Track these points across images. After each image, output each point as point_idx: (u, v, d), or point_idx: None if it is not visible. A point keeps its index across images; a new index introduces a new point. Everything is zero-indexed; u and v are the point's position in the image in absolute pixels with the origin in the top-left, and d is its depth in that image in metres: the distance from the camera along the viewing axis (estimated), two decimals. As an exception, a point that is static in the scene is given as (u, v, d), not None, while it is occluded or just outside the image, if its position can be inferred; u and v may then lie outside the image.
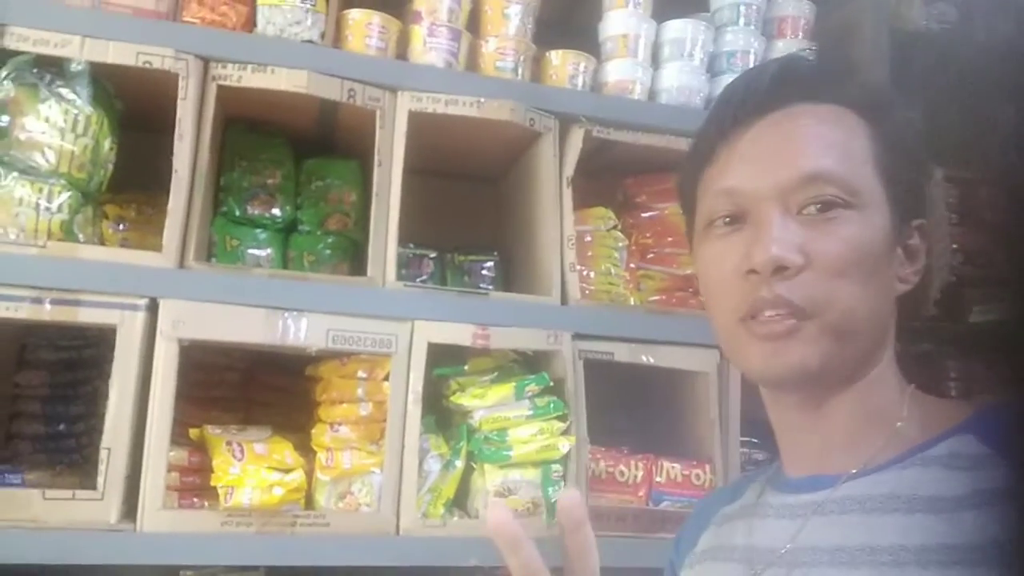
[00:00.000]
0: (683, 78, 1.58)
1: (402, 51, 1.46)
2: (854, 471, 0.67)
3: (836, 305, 0.64)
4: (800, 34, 1.68)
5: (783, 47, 1.66)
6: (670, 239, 1.67)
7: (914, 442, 0.65)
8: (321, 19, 1.38)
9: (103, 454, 1.19)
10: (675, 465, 1.47)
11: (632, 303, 1.58)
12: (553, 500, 1.36)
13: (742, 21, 1.63)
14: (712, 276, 0.71)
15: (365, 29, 1.40)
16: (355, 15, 1.41)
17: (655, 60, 1.62)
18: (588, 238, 1.59)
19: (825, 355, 0.65)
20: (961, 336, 1.73)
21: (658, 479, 1.47)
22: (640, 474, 1.46)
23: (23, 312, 1.20)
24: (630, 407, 1.65)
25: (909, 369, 0.73)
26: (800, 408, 0.71)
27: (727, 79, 1.61)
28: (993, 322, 1.75)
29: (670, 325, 1.49)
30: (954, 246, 1.87)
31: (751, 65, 1.62)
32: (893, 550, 0.60)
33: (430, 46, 1.43)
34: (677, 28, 1.60)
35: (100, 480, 1.18)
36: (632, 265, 1.64)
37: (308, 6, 1.36)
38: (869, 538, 0.62)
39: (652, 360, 1.47)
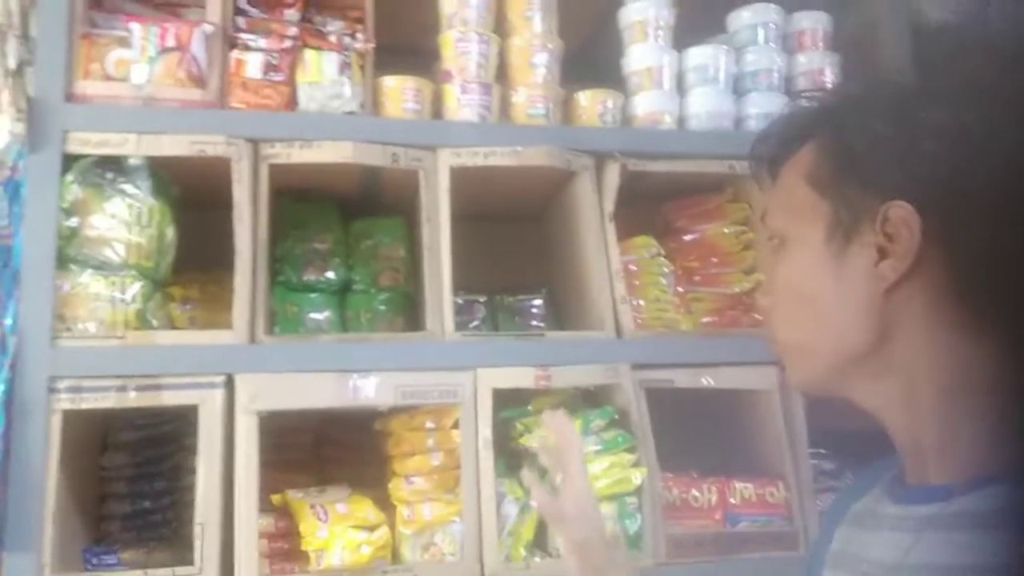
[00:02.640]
0: (710, 103, 1.61)
1: (437, 110, 1.51)
2: (962, 481, 0.64)
3: (785, 330, 0.74)
4: (820, 45, 1.70)
5: (805, 60, 1.68)
6: (715, 259, 1.69)
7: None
8: (359, 90, 1.44)
9: (197, 530, 1.24)
10: (748, 485, 1.48)
11: (684, 327, 1.60)
12: (632, 531, 1.38)
13: (761, 39, 1.66)
14: None
15: (401, 94, 1.46)
16: (390, 82, 1.47)
17: (681, 87, 1.65)
18: (633, 267, 1.62)
19: (801, 368, 0.74)
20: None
21: (732, 500, 1.48)
22: (714, 497, 1.47)
23: (110, 401, 1.26)
24: (696, 431, 1.66)
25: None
26: (879, 413, 0.71)
27: (754, 98, 1.64)
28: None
29: (726, 346, 1.51)
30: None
31: (775, 82, 1.65)
32: (1008, 570, 0.58)
33: (463, 102, 1.48)
34: (700, 54, 1.64)
35: (197, 556, 1.23)
36: (680, 289, 1.67)
37: (345, 79, 1.43)
38: (982, 558, 0.60)
39: (712, 383, 1.49)
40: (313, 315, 1.56)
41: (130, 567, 1.32)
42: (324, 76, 1.42)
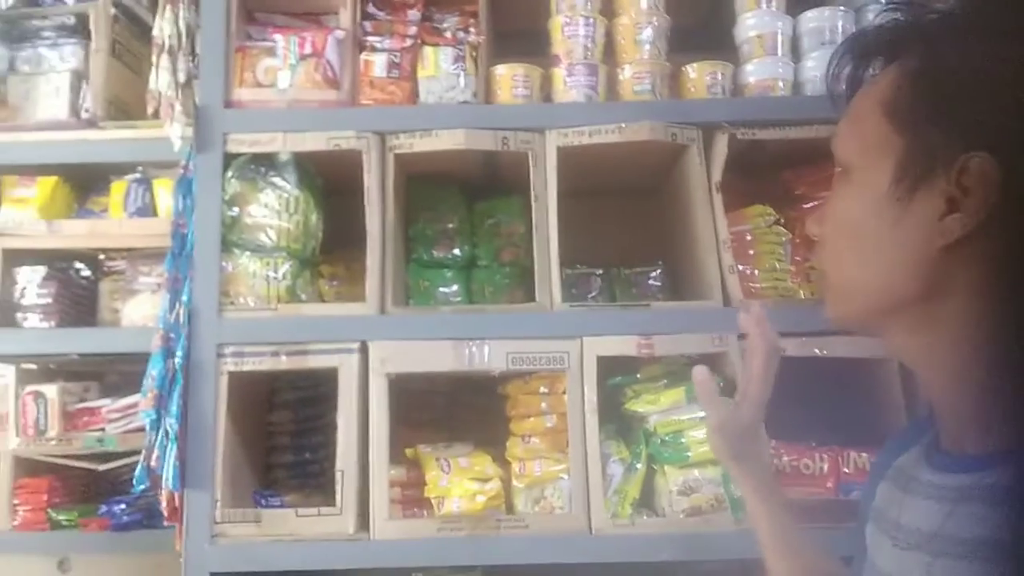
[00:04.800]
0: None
1: (546, 93, 1.59)
2: (1000, 452, 0.61)
3: (833, 267, 0.71)
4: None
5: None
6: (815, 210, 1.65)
7: None
8: (472, 80, 1.56)
9: (338, 475, 1.43)
10: (863, 455, 1.47)
11: (802, 296, 1.59)
12: (736, 495, 1.42)
13: (883, -3, 1.59)
14: None
15: (511, 81, 1.56)
16: (500, 70, 1.57)
17: (796, 53, 1.62)
18: (749, 237, 1.63)
19: (839, 302, 0.72)
20: None
21: (846, 470, 1.47)
22: (825, 466, 1.47)
23: (266, 364, 1.47)
24: (814, 400, 1.64)
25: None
26: (918, 371, 0.69)
27: (875, 58, 1.58)
28: None
29: (840, 314, 1.49)
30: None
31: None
32: None
33: (570, 84, 1.55)
34: (815, 18, 1.61)
35: (338, 499, 1.42)
36: (799, 258, 1.65)
37: (459, 71, 1.54)
38: (1018, 533, 0.57)
39: (826, 352, 1.48)
40: (443, 289, 1.71)
41: (289, 508, 1.54)
42: (441, 70, 1.54)
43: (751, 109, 1.56)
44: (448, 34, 1.58)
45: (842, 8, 1.60)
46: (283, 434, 1.76)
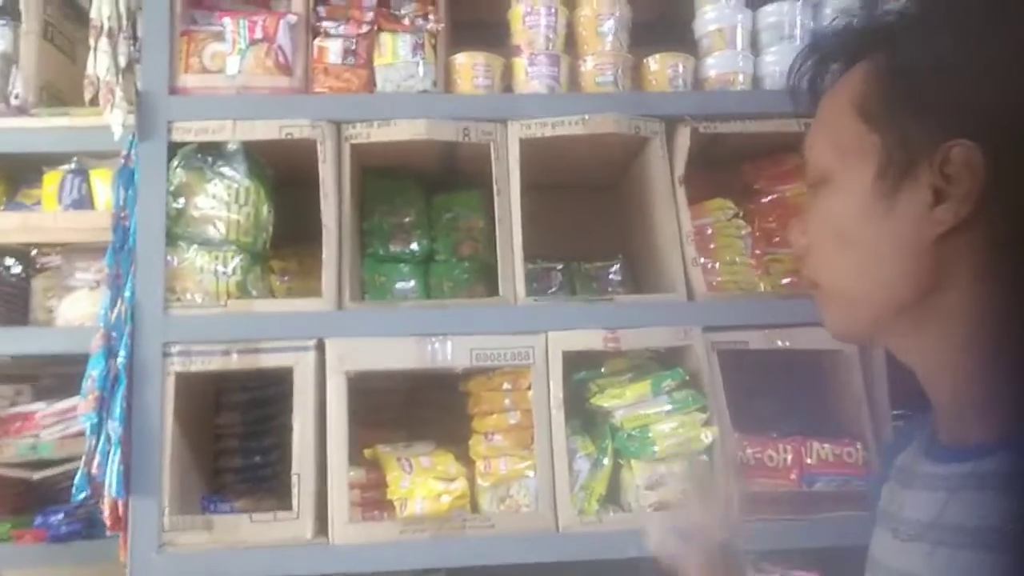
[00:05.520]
0: (786, 61, 1.58)
1: (507, 84, 1.56)
2: (995, 440, 0.61)
3: (827, 275, 0.68)
4: (904, -7, 1.63)
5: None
6: (795, 220, 1.66)
7: None
8: (432, 69, 1.51)
9: (294, 479, 1.37)
10: (825, 446, 1.48)
11: (762, 289, 1.60)
12: (702, 489, 1.41)
13: (839, -8, 1.61)
14: None
15: (472, 70, 1.52)
16: (461, 59, 1.53)
17: (755, 47, 1.63)
18: (709, 230, 1.63)
19: (842, 317, 0.69)
20: None
21: (809, 460, 1.48)
22: (789, 457, 1.47)
23: (215, 364, 1.40)
24: (776, 392, 1.66)
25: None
26: (915, 366, 0.68)
27: (832, 53, 1.60)
28: None
29: (802, 306, 1.49)
30: None
31: (855, 35, 1.59)
32: None
33: (532, 75, 1.52)
34: (774, 12, 1.61)
35: (294, 503, 1.36)
36: (758, 251, 1.66)
37: (418, 59, 1.50)
38: (1015, 519, 0.57)
39: (788, 344, 1.49)
40: (400, 284, 1.66)
41: (241, 513, 1.47)
42: (399, 57, 1.49)
43: (713, 102, 1.56)
44: (406, 21, 1.53)
45: (800, 2, 1.61)
46: (231, 437, 1.68)
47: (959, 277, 0.63)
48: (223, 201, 1.47)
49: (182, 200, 1.45)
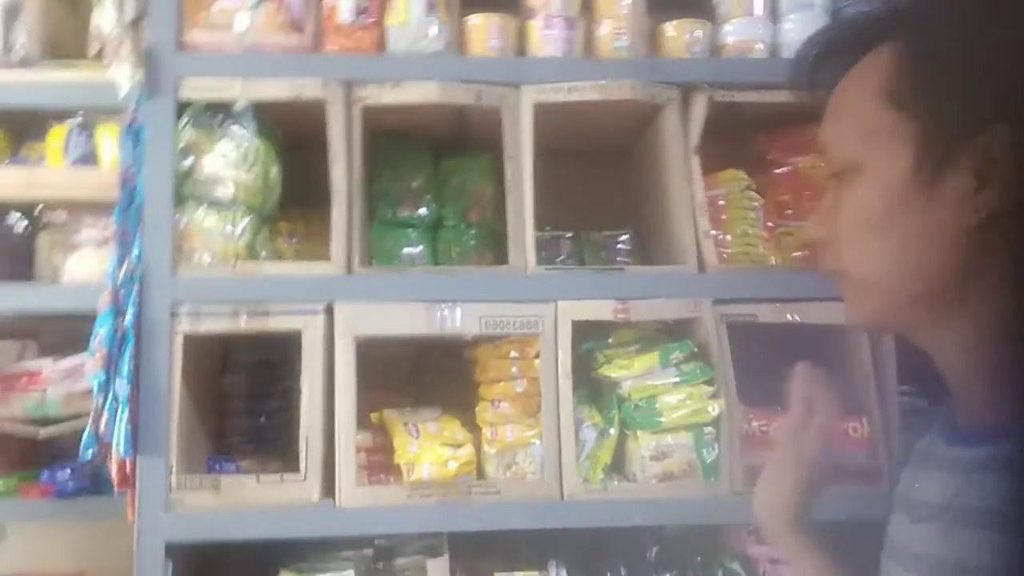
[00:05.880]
0: (805, 29, 1.53)
1: (521, 47, 1.53)
2: (1011, 424, 0.62)
3: (858, 264, 0.68)
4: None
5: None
6: (808, 192, 1.65)
7: None
8: (445, 29, 1.48)
9: (302, 441, 1.37)
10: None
11: (773, 262, 1.59)
12: (708, 461, 1.41)
13: (864, -40, 1.57)
14: None
15: (485, 32, 1.49)
16: (474, 20, 1.50)
17: (774, 14, 1.59)
18: (721, 202, 1.61)
19: (873, 308, 0.69)
20: None
21: (814, 435, 1.48)
22: (794, 430, 1.47)
23: (223, 325, 1.39)
24: (784, 366, 1.65)
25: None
26: (935, 352, 0.69)
27: (853, 22, 1.57)
28: None
29: (812, 281, 1.48)
30: None
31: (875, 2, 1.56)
32: None
33: (547, 38, 1.49)
34: (795, -22, 1.57)
35: (302, 465, 1.36)
36: (770, 224, 1.64)
37: (432, 19, 1.47)
38: None
39: (798, 318, 1.48)
40: (407, 249, 1.65)
41: (247, 473, 1.48)
42: (411, 16, 1.46)
43: (731, 70, 1.53)
44: (420, -21, 1.49)
45: (822, -30, 1.57)
46: (238, 398, 1.69)
47: (992, 264, 0.63)
48: (232, 161, 1.45)
49: (191, 159, 1.43)
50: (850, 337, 1.50)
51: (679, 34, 1.56)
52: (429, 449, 1.39)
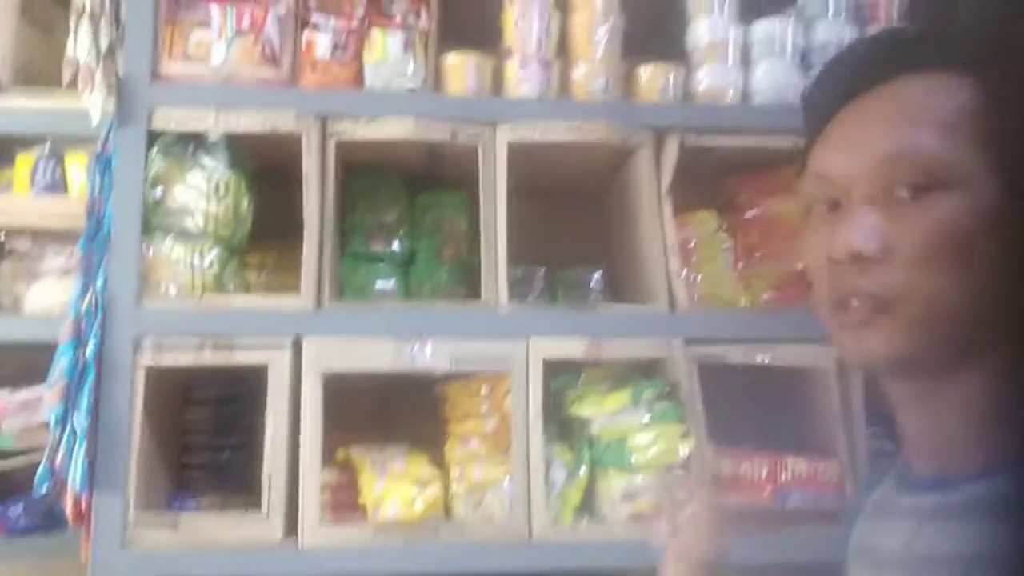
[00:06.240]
0: (776, 77, 1.59)
1: (498, 86, 1.54)
2: (972, 472, 0.62)
3: (920, 295, 0.61)
4: (894, 16, 1.65)
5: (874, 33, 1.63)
6: (777, 236, 1.67)
7: None
8: (422, 67, 1.49)
9: (265, 479, 1.34)
10: (800, 462, 1.48)
11: (743, 303, 1.60)
12: (678, 502, 1.40)
13: (831, 12, 1.62)
14: (811, 264, 0.69)
15: (462, 71, 1.50)
16: (451, 59, 1.51)
17: (746, 61, 1.63)
18: (692, 243, 1.63)
19: (905, 347, 0.62)
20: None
21: (784, 477, 1.48)
22: (764, 472, 1.47)
23: (187, 359, 1.37)
24: (754, 407, 1.66)
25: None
26: (913, 399, 0.67)
27: (821, 71, 1.61)
28: None
29: (783, 322, 1.50)
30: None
31: (845, 54, 1.60)
32: (1008, 558, 0.57)
33: (523, 78, 1.51)
34: (765, 28, 1.61)
35: (264, 502, 1.33)
36: (740, 265, 1.66)
37: (408, 57, 1.48)
38: (986, 548, 0.59)
39: (767, 360, 1.49)
40: (380, 284, 1.63)
41: (207, 511, 1.44)
42: (389, 54, 1.47)
43: (703, 115, 1.56)
44: (397, 18, 1.51)
45: (791, 19, 1.61)
46: (200, 432, 1.65)
47: (1005, 322, 0.62)
48: (202, 192, 1.43)
49: (160, 189, 1.42)
50: (819, 379, 1.51)
51: (652, 78, 1.59)
52: (395, 488, 1.36)
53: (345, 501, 1.43)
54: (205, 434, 1.64)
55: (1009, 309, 0.62)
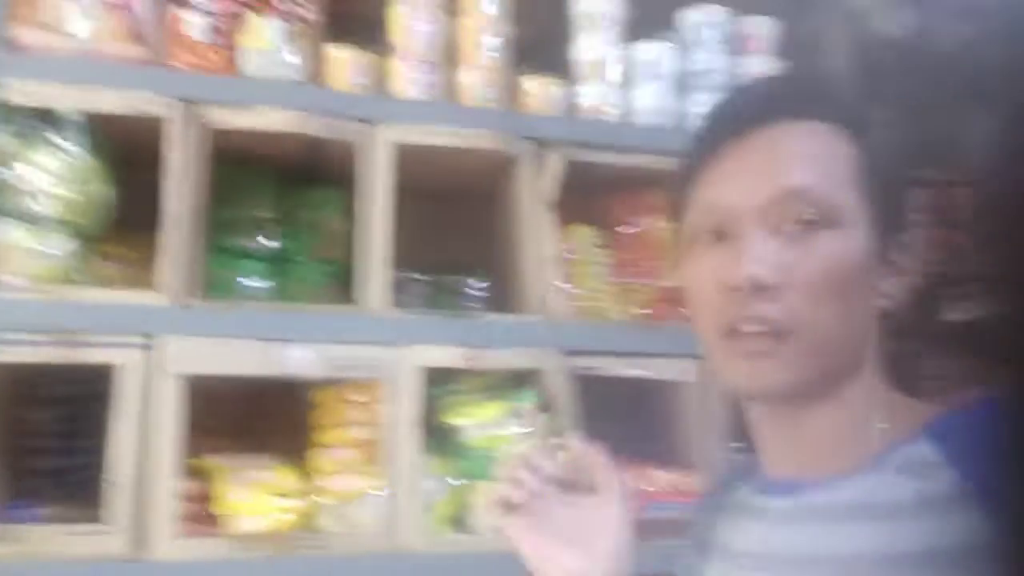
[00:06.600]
0: (654, 99, 1.64)
1: (382, 84, 1.51)
2: (824, 479, 0.68)
3: (815, 326, 0.64)
4: (766, 50, 1.74)
5: (748, 64, 1.72)
6: (652, 253, 1.72)
7: (881, 449, 0.66)
8: (303, 59, 1.43)
9: (111, 488, 1.24)
10: (664, 474, 1.52)
11: (618, 318, 1.63)
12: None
13: (707, 41, 1.69)
14: (695, 291, 0.71)
15: (346, 66, 1.46)
16: (335, 53, 1.46)
17: (626, 81, 1.67)
18: (571, 256, 1.64)
19: (802, 375, 0.66)
20: (934, 334, 1.79)
21: (648, 488, 1.52)
22: (630, 483, 1.50)
23: (25, 355, 1.25)
24: (622, 419, 1.69)
25: (882, 366, 0.73)
26: (779, 419, 0.71)
27: (697, 97, 1.67)
28: (966, 321, 1.80)
29: (654, 338, 1.54)
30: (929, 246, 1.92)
31: (718, 83, 1.68)
32: (844, 558, 0.63)
33: (409, 79, 1.48)
34: (646, 50, 1.66)
35: (109, 513, 1.23)
36: (614, 280, 1.69)
37: (289, 47, 1.42)
38: (831, 547, 0.64)
39: (641, 373, 1.52)
40: (247, 282, 1.55)
41: (49, 522, 1.31)
42: (268, 42, 1.40)
43: (585, 131, 1.58)
44: (279, 5, 1.44)
45: (671, 44, 1.67)
46: (43, 435, 1.51)
47: (870, 349, 0.70)
48: (55, 174, 1.31)
49: (4, 168, 1.29)
50: (686, 393, 1.56)
51: (538, 90, 1.60)
52: (257, 499, 1.29)
53: (201, 513, 1.34)
54: (51, 437, 1.50)
55: (870, 337, 0.70)
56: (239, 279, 1.55)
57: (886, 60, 1.98)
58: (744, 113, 0.72)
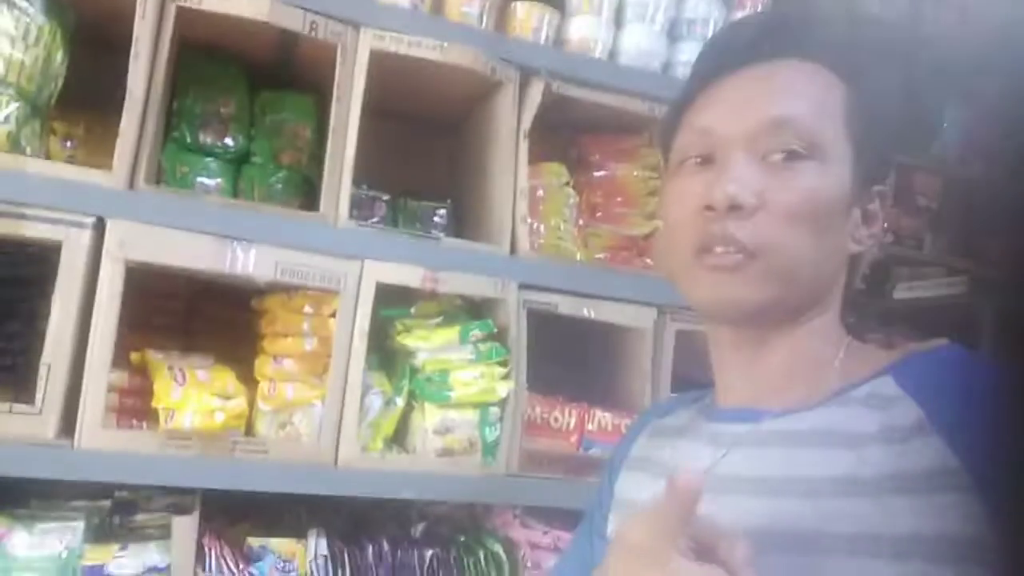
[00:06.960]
0: (644, 41, 1.61)
1: (366, -14, 1.44)
2: (781, 409, 0.70)
3: (783, 250, 0.67)
4: (760, 5, 1.72)
5: (742, 17, 1.69)
6: (619, 199, 1.71)
7: (842, 385, 0.68)
8: (285, -53, 1.36)
9: (42, 370, 1.19)
10: (607, 415, 1.54)
11: (578, 259, 1.62)
12: (490, 440, 1.41)
13: (702, -11, 1.66)
14: (674, 211, 0.74)
15: (332, -39, 1.38)
16: (322, -54, 1.39)
17: (618, 20, 1.64)
18: (540, 192, 1.62)
19: (766, 295, 0.68)
20: (885, 311, 1.83)
21: (590, 427, 1.53)
22: (573, 421, 1.52)
23: (-36, 223, 1.18)
24: (571, 358, 1.70)
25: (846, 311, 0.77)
26: (740, 347, 0.74)
27: (686, 45, 1.65)
28: (916, 299, 1.85)
29: (612, 282, 1.54)
30: (885, 225, 1.96)
31: (710, 33, 1.65)
32: (808, 481, 0.64)
33: (396, -15, 1.42)
34: (641, -9, 1.62)
35: (39, 395, 1.18)
36: (581, 222, 1.68)
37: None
38: (787, 470, 0.66)
39: (593, 314, 1.52)
40: (203, 179, 1.50)
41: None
42: (251, -76, 1.32)
43: (571, 64, 1.54)
44: None
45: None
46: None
47: (836, 291, 0.73)
48: (8, 35, 1.23)
49: (-48, 21, 1.20)
50: (636, 339, 1.56)
51: (527, 17, 1.55)
52: (195, 397, 1.26)
53: (135, 407, 1.31)
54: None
55: (837, 278, 0.73)
56: (196, 175, 1.49)
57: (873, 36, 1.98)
58: (740, 47, 0.73)
